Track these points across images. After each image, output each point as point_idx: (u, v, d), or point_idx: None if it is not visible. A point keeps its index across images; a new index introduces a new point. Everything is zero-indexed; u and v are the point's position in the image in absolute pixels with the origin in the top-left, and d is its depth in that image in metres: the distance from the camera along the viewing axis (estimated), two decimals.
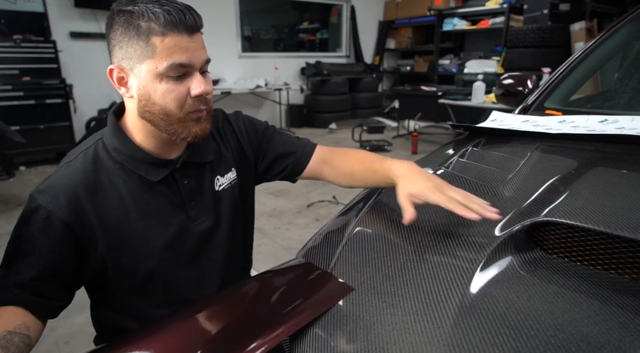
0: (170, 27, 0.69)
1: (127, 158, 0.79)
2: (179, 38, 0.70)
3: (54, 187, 0.75)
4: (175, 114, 0.74)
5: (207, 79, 0.77)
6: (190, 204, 0.85)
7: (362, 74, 7.21)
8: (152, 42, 0.69)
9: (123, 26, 0.70)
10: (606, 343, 0.44)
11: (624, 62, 1.56)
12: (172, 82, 0.72)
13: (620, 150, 0.86)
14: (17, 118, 4.13)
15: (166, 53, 0.69)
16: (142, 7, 0.68)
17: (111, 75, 0.76)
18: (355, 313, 0.59)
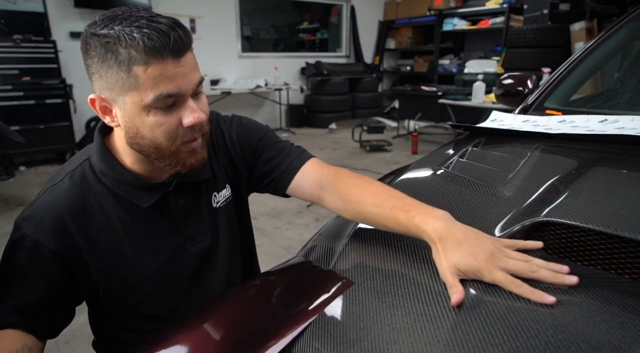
0: (152, 54, 0.60)
1: (115, 182, 0.73)
2: (164, 65, 0.61)
3: (38, 215, 0.70)
4: (167, 148, 0.67)
5: (200, 102, 0.69)
6: (187, 224, 0.80)
7: (362, 74, 7.21)
8: (134, 72, 0.60)
9: (99, 53, 0.61)
10: (606, 343, 0.44)
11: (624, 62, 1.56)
12: (160, 114, 0.64)
13: (620, 150, 0.86)
14: (17, 118, 4.14)
15: (151, 83, 0.61)
16: (119, 31, 0.59)
17: (93, 104, 0.68)
18: (355, 313, 0.59)
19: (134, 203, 0.74)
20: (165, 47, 0.60)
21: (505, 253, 0.58)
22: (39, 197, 0.73)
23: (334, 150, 5.22)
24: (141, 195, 0.74)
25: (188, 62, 0.64)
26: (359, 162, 4.56)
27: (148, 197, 0.75)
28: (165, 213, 0.78)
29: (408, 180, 0.96)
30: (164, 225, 0.78)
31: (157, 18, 0.63)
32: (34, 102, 4.25)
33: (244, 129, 0.88)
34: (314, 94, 6.76)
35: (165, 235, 0.78)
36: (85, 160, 0.75)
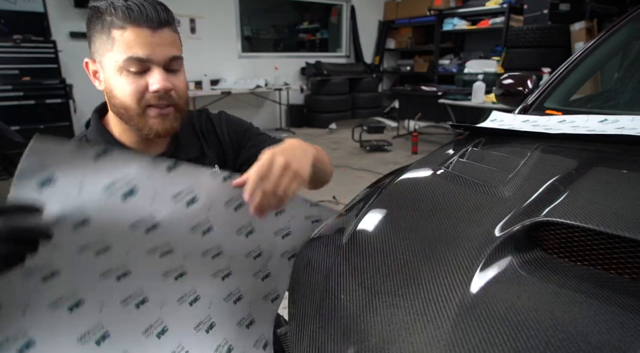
0: (129, 21, 0.70)
1: None
2: (138, 31, 0.70)
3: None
4: (133, 108, 0.74)
5: (175, 76, 0.76)
6: None
7: (362, 74, 7.21)
8: (112, 35, 0.71)
9: (92, 21, 0.73)
10: (606, 343, 0.44)
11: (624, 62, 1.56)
12: (131, 76, 0.72)
13: (620, 150, 0.85)
14: (17, 118, 4.13)
15: (125, 46, 0.70)
16: (108, 3, 0.71)
17: (87, 68, 0.78)
18: (355, 313, 0.59)
19: None
20: (141, 17, 0.70)
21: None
22: None
23: (334, 150, 5.22)
24: None
25: (164, 37, 0.73)
26: (359, 162, 4.56)
27: None
28: None
29: (408, 180, 0.96)
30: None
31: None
32: (34, 102, 4.24)
33: (231, 121, 0.98)
34: (314, 94, 6.76)
35: None
36: (82, 137, 0.84)
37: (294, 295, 0.75)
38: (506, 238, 0.63)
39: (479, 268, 0.60)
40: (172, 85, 0.76)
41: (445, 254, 0.65)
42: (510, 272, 0.58)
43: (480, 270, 0.59)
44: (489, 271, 0.59)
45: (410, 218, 0.79)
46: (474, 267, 0.60)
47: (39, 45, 4.29)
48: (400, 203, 0.86)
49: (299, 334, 0.60)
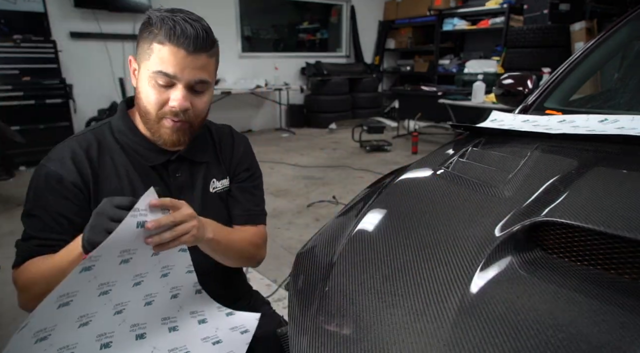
0: (170, 39, 0.75)
1: (128, 140, 0.86)
2: (175, 51, 0.76)
3: (60, 154, 0.83)
4: (151, 114, 0.81)
5: (196, 97, 0.82)
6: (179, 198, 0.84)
7: (362, 74, 7.21)
8: (152, 46, 0.77)
9: (143, 28, 0.79)
10: (606, 343, 0.44)
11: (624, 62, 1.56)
12: (157, 88, 0.79)
13: (620, 150, 0.85)
14: (17, 118, 4.13)
15: (159, 60, 0.76)
16: (160, 16, 0.77)
17: (130, 64, 0.85)
18: (355, 313, 0.59)
19: (141, 163, 0.86)
20: (182, 38, 0.75)
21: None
22: (59, 145, 0.85)
23: (334, 150, 5.22)
24: (148, 154, 0.87)
25: (198, 60, 0.78)
26: (359, 162, 4.56)
27: (153, 157, 0.87)
28: (164, 181, 0.88)
29: (408, 180, 0.96)
30: (166, 181, 0.88)
31: (192, 16, 0.79)
32: (34, 102, 4.24)
33: (248, 151, 1.03)
34: (314, 94, 6.76)
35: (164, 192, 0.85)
36: (106, 122, 0.89)
37: (293, 296, 0.75)
38: (506, 238, 0.63)
39: (479, 268, 0.60)
40: (191, 104, 0.81)
41: (446, 254, 0.65)
42: (510, 272, 0.58)
43: (480, 270, 0.59)
44: (489, 271, 0.59)
45: (410, 218, 0.79)
46: (474, 267, 0.60)
47: (39, 45, 4.28)
48: (400, 203, 0.86)
49: (299, 334, 0.60)
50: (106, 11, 4.75)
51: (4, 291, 2.15)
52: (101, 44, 4.84)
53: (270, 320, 1.05)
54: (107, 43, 4.87)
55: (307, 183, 3.77)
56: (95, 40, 4.82)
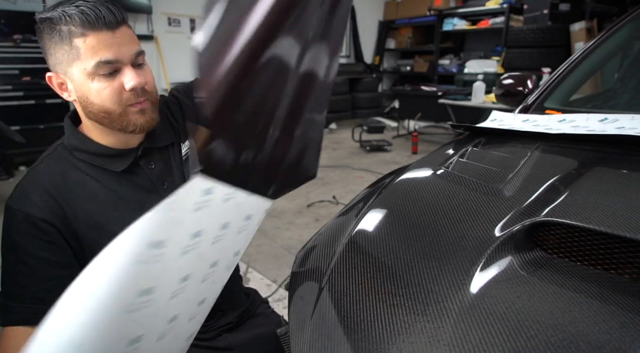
0: (88, 27, 0.70)
1: (88, 155, 0.80)
2: (99, 35, 0.70)
3: (23, 191, 0.76)
4: (114, 110, 0.76)
5: (143, 71, 0.78)
6: (163, 187, 0.86)
7: (362, 74, 7.21)
8: (75, 44, 0.71)
9: (47, 33, 0.72)
10: (606, 343, 0.44)
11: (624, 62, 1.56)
12: (103, 80, 0.73)
13: (621, 150, 0.85)
14: (17, 118, 4.13)
15: (90, 52, 0.71)
16: (60, 12, 0.70)
17: (51, 82, 0.78)
18: (355, 313, 0.59)
19: (110, 171, 0.81)
20: (99, 20, 0.70)
21: None
22: (21, 181, 0.79)
23: (334, 150, 5.22)
24: (113, 162, 0.81)
25: (125, 35, 0.74)
26: (359, 162, 4.56)
27: (120, 162, 0.82)
28: (141, 178, 0.84)
29: (408, 180, 0.96)
30: (143, 189, 0.84)
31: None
32: (34, 102, 4.24)
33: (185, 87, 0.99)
34: None
35: (145, 197, 0.83)
36: (59, 144, 0.83)
37: (293, 296, 0.75)
38: (506, 238, 0.63)
39: (479, 268, 0.60)
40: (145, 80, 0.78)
41: (446, 254, 0.65)
42: (510, 272, 0.58)
43: (480, 270, 0.59)
44: (489, 271, 0.59)
45: (410, 218, 0.79)
46: (474, 267, 0.60)
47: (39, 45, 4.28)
48: (400, 203, 0.86)
49: (299, 334, 0.60)
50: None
51: None
52: None
53: (270, 320, 1.05)
54: None
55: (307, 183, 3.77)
56: None
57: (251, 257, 2.43)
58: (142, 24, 5.11)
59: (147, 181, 0.84)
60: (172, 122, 0.94)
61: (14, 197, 0.76)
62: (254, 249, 2.53)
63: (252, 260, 2.38)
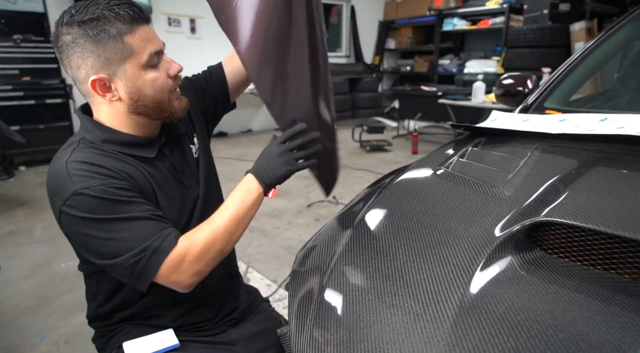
0: (135, 23, 0.73)
1: (120, 145, 0.80)
2: (143, 30, 0.74)
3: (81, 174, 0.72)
4: (165, 99, 0.79)
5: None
6: (183, 174, 0.89)
7: (362, 74, 7.21)
8: (126, 41, 0.72)
9: (92, 35, 0.70)
10: (606, 343, 0.44)
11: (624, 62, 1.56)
12: (154, 71, 0.77)
13: (621, 150, 0.85)
14: (17, 118, 4.13)
15: (142, 46, 0.74)
16: (102, 12, 0.70)
17: (94, 87, 0.75)
18: (355, 313, 0.59)
19: (143, 157, 0.82)
20: (140, 16, 0.74)
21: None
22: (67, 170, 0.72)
23: None
24: (145, 150, 0.83)
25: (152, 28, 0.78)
26: (359, 162, 4.56)
27: (150, 149, 0.84)
28: (168, 164, 0.86)
29: (408, 180, 0.96)
30: (170, 173, 0.86)
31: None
32: (34, 102, 4.25)
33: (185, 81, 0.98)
34: None
35: (173, 183, 0.86)
36: (80, 139, 0.79)
37: (294, 296, 0.75)
38: (506, 238, 0.63)
39: (479, 268, 0.60)
40: None
41: (445, 254, 0.65)
42: (510, 272, 0.58)
43: (480, 270, 0.59)
44: (489, 271, 0.59)
45: (410, 218, 0.79)
46: (474, 267, 0.60)
47: (39, 45, 4.29)
48: (400, 203, 0.86)
49: (299, 334, 0.60)
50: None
51: (4, 291, 2.15)
52: None
53: (271, 317, 1.06)
54: None
55: (307, 183, 3.77)
56: None
57: (251, 257, 2.43)
58: None
59: (171, 168, 0.87)
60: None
61: (79, 181, 0.71)
62: (254, 249, 2.53)
63: (252, 260, 2.38)
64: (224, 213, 0.79)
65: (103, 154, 0.77)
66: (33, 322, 1.90)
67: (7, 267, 2.36)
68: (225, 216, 0.79)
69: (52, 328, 1.84)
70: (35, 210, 3.17)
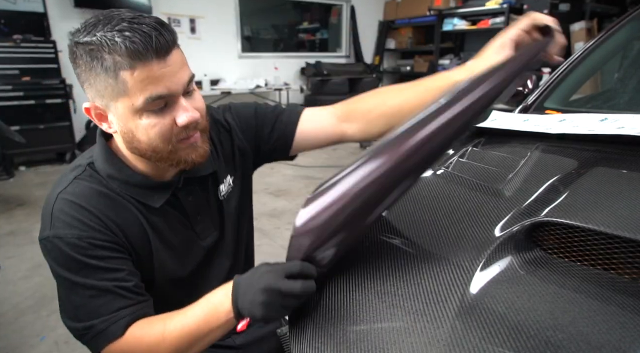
0: (137, 57, 0.59)
1: (123, 185, 0.71)
2: (149, 67, 0.60)
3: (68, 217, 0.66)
4: (163, 149, 0.66)
5: (194, 100, 0.68)
6: (197, 219, 0.80)
7: (362, 74, 7.21)
8: (121, 77, 0.60)
9: (86, 61, 0.61)
10: (606, 343, 0.44)
11: (624, 62, 1.56)
12: (153, 116, 0.63)
13: (621, 150, 0.85)
14: (17, 118, 4.13)
15: (139, 87, 0.60)
16: (101, 37, 0.58)
17: (89, 113, 0.68)
18: (355, 313, 0.59)
19: (146, 205, 0.72)
20: (149, 49, 0.59)
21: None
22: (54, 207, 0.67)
23: (334, 150, 5.22)
24: (151, 196, 0.73)
25: (175, 61, 0.63)
26: None
27: (158, 196, 0.73)
28: (177, 210, 0.77)
29: None
30: (177, 221, 0.77)
31: (139, 19, 0.60)
32: (34, 102, 4.24)
33: (238, 114, 0.88)
34: (314, 94, 6.76)
35: (179, 231, 0.77)
36: (88, 163, 0.73)
37: None
38: (506, 238, 0.63)
39: (479, 268, 0.60)
40: (197, 109, 0.68)
41: (445, 254, 0.65)
42: (510, 272, 0.58)
43: (480, 270, 0.59)
44: (489, 271, 0.59)
45: (410, 218, 0.79)
46: (474, 267, 0.60)
47: (39, 45, 4.29)
48: (400, 203, 0.86)
49: (299, 334, 0.60)
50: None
51: (4, 291, 2.15)
52: None
53: None
54: None
55: (307, 183, 3.77)
56: None
57: None
58: None
59: (182, 214, 0.77)
60: (217, 148, 0.85)
61: (57, 226, 0.65)
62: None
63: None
64: (181, 323, 0.65)
65: (101, 192, 0.70)
66: (33, 322, 1.90)
67: (7, 267, 2.36)
68: (180, 328, 0.65)
69: (52, 328, 1.84)
70: (35, 210, 3.16)
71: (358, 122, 0.82)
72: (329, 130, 0.85)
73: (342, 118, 0.83)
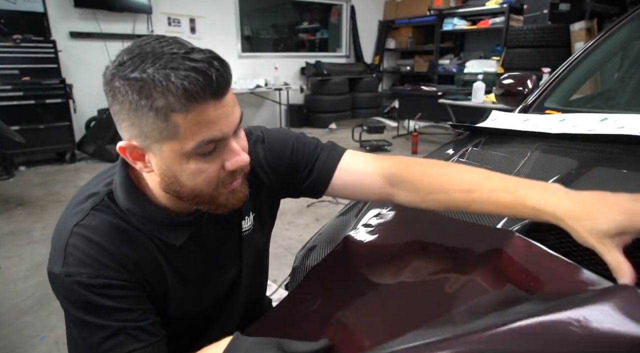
0: (193, 99, 0.53)
1: (143, 220, 0.66)
2: (205, 110, 0.54)
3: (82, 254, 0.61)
4: (207, 194, 0.62)
5: (240, 140, 0.63)
6: (218, 254, 0.76)
7: (362, 74, 7.21)
8: (172, 120, 0.54)
9: (132, 99, 0.54)
10: None
11: (624, 62, 1.56)
12: (202, 161, 0.58)
13: (621, 150, 0.85)
14: (17, 118, 4.13)
15: (192, 131, 0.55)
16: (153, 75, 0.52)
17: (124, 153, 0.61)
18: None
19: (166, 242, 0.68)
20: (206, 90, 0.53)
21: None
22: (67, 244, 0.63)
23: None
24: (172, 233, 0.68)
25: (229, 101, 0.57)
26: None
27: (180, 234, 0.69)
28: (198, 245, 0.72)
29: None
30: (197, 256, 0.73)
31: (193, 54, 0.55)
32: (34, 102, 4.25)
33: (271, 150, 0.80)
34: (314, 94, 6.76)
35: (198, 267, 0.73)
36: (106, 193, 0.67)
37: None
38: None
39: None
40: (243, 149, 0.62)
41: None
42: None
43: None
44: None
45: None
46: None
47: (39, 45, 4.29)
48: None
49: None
50: (106, 11, 4.75)
51: (4, 291, 2.15)
52: (101, 44, 4.84)
53: None
54: (107, 43, 4.87)
55: None
56: (95, 40, 4.83)
57: None
58: (142, 24, 5.11)
59: (202, 249, 0.73)
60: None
61: (70, 263, 0.61)
62: None
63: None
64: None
65: (119, 227, 0.65)
66: (33, 322, 1.90)
67: (7, 267, 2.36)
68: None
69: (52, 328, 1.84)
70: (35, 210, 3.16)
71: (410, 193, 0.72)
72: (374, 192, 0.76)
73: (391, 182, 0.74)
